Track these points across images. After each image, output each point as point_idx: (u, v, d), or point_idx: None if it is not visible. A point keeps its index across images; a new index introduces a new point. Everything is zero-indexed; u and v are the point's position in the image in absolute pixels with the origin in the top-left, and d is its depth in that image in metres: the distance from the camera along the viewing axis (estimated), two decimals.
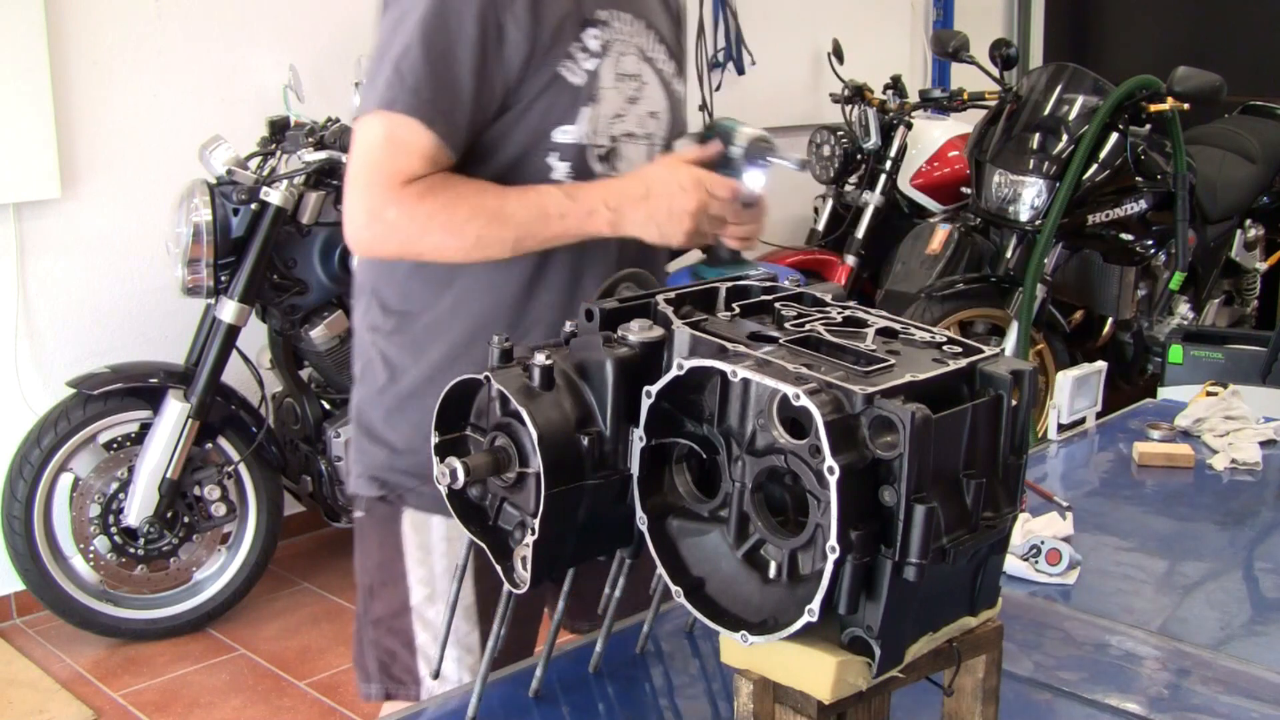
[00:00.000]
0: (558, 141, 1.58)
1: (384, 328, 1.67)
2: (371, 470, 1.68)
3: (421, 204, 1.51)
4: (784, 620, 0.99)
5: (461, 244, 1.54)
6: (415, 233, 1.53)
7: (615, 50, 1.61)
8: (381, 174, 1.51)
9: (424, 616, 1.67)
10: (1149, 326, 4.37)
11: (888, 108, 4.64)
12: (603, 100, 1.60)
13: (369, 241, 1.57)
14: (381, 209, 1.52)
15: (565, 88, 1.56)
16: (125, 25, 3.64)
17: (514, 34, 1.52)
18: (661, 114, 1.69)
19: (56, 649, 3.45)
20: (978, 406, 1.00)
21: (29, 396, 3.54)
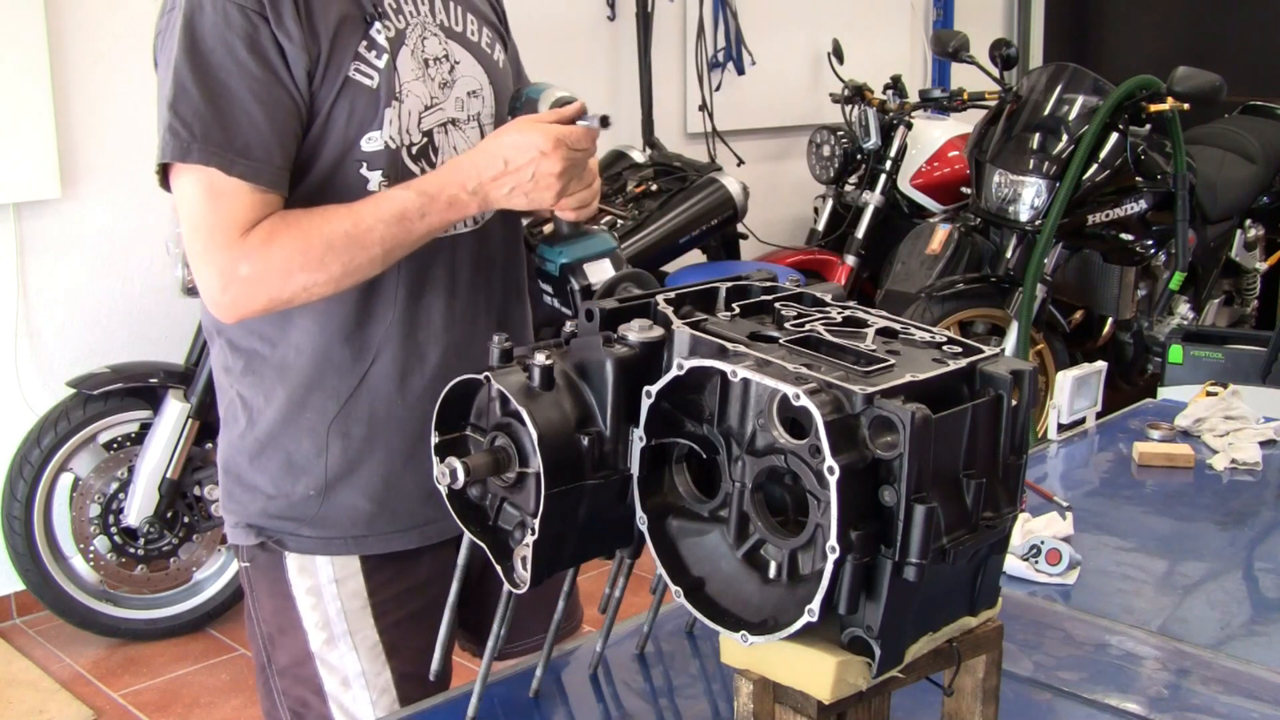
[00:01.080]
0: (366, 150, 1.46)
1: (235, 368, 1.58)
2: (247, 518, 1.59)
3: (272, 250, 1.40)
4: (784, 620, 0.99)
5: (329, 276, 1.41)
6: (276, 282, 1.41)
7: (413, 37, 1.50)
8: (217, 233, 1.40)
9: (327, 661, 1.59)
10: (1149, 326, 4.37)
11: (888, 108, 4.64)
12: (407, 96, 1.48)
13: (231, 305, 1.43)
14: (232, 268, 1.40)
15: (361, 92, 1.45)
16: (125, 25, 3.64)
17: (289, 48, 1.40)
18: (483, 90, 1.58)
19: (56, 649, 3.45)
20: (978, 406, 1.00)
21: (29, 396, 3.55)
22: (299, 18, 1.41)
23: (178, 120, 1.41)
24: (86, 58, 3.58)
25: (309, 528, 1.56)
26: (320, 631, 1.58)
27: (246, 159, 1.39)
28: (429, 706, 1.41)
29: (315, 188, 1.46)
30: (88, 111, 3.60)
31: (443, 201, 1.43)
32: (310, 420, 1.54)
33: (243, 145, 1.39)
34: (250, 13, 1.39)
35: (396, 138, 1.48)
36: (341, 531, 1.56)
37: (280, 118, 1.41)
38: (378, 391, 1.54)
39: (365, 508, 1.56)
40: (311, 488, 1.55)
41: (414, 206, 1.42)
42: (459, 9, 1.58)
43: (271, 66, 1.40)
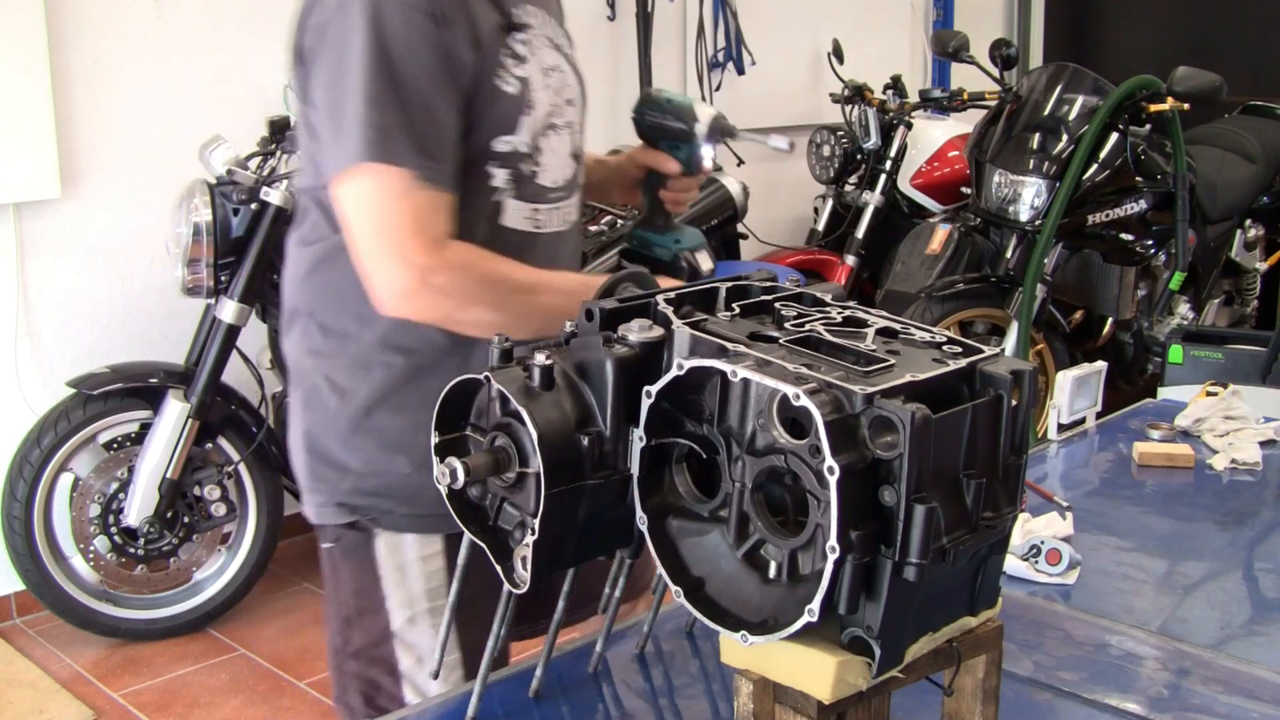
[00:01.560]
0: (497, 151, 1.53)
1: (326, 350, 1.60)
2: (337, 497, 1.61)
3: (466, 275, 1.46)
4: (784, 620, 0.99)
5: (497, 319, 1.47)
6: (458, 303, 1.47)
7: (538, 45, 1.56)
8: (414, 237, 1.42)
9: (406, 641, 1.62)
10: (1149, 326, 4.37)
11: (888, 108, 4.64)
12: (537, 105, 1.55)
13: (413, 305, 1.46)
14: (428, 272, 1.43)
15: (502, 98, 1.50)
16: (125, 25, 3.64)
17: (461, 53, 1.45)
18: (576, 99, 1.65)
19: (56, 649, 3.45)
20: (978, 406, 1.00)
21: (29, 396, 3.55)
22: (466, 24, 1.45)
23: (377, 122, 1.41)
24: (86, 58, 3.59)
25: (404, 505, 1.58)
26: (403, 610, 1.61)
27: (436, 163, 1.43)
28: (429, 706, 1.41)
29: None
30: (88, 111, 3.60)
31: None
32: (410, 399, 1.55)
33: (435, 149, 1.43)
34: (431, 16, 1.42)
35: (527, 143, 1.54)
36: (431, 509, 1.52)
37: (456, 121, 1.46)
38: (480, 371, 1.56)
39: None
40: (408, 465, 1.56)
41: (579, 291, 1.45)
42: (556, 24, 1.66)
43: (450, 70, 1.44)
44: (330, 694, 3.19)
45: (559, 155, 1.61)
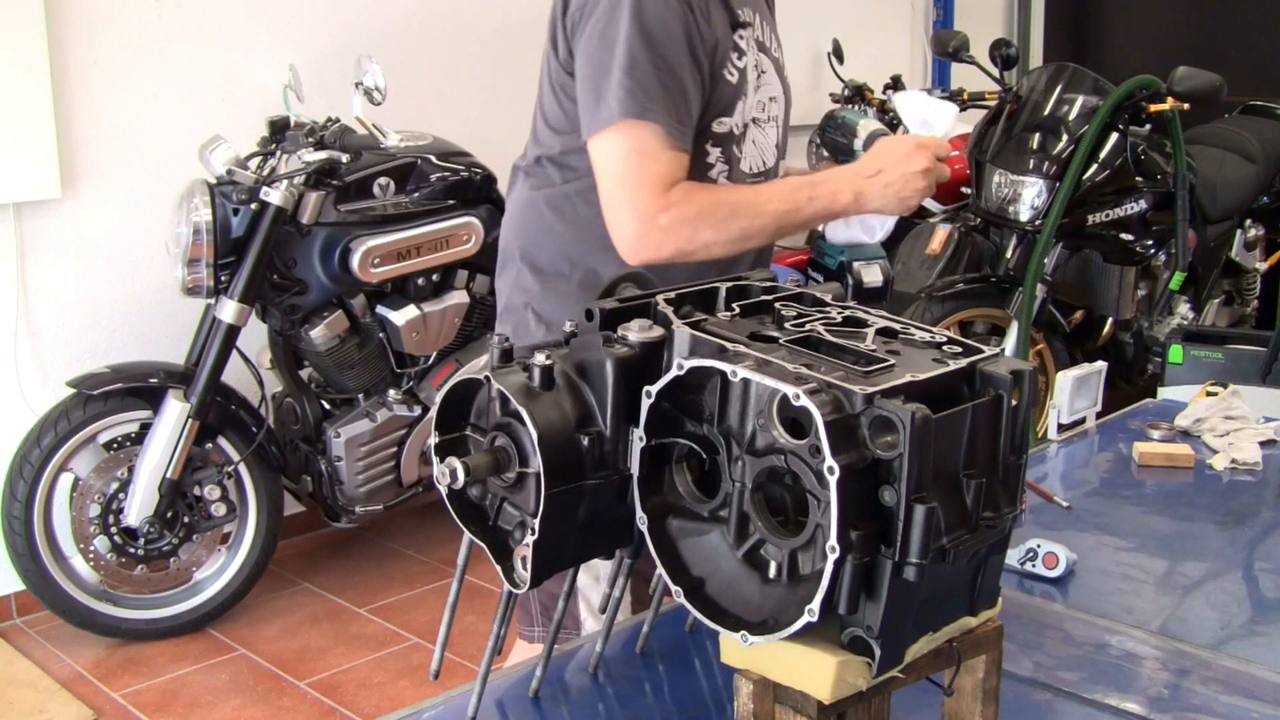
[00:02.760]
0: (714, 131, 1.76)
1: (534, 289, 1.83)
2: None
3: (687, 207, 1.68)
4: (784, 620, 0.99)
5: (729, 237, 1.72)
6: (687, 234, 1.69)
7: (751, 45, 1.80)
8: (646, 183, 1.67)
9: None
10: (1149, 326, 4.37)
11: (888, 108, 4.64)
12: (749, 94, 1.79)
13: (646, 248, 1.69)
14: (654, 216, 1.67)
15: (726, 86, 1.75)
16: (125, 25, 3.64)
17: (707, 38, 1.70)
18: (779, 97, 1.88)
19: (56, 649, 3.45)
20: (978, 406, 1.00)
21: (29, 396, 3.55)
22: (709, 18, 1.71)
23: (636, 85, 1.66)
24: (86, 58, 3.59)
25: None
26: None
27: (680, 124, 1.68)
28: (429, 706, 1.41)
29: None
30: (88, 111, 3.60)
31: (826, 190, 1.74)
32: None
33: (680, 112, 1.68)
34: (685, 6, 1.68)
35: (740, 124, 1.78)
36: None
37: (699, 95, 1.71)
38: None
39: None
40: None
41: (804, 191, 1.75)
42: (769, 30, 1.88)
43: (696, 50, 1.69)
44: (331, 694, 3.19)
45: (760, 145, 1.85)
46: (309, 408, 3.61)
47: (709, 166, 1.79)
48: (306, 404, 3.61)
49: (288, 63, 3.68)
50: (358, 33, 4.02)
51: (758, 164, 1.86)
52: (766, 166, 1.87)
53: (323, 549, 4.06)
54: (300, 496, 3.77)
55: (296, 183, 3.35)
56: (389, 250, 3.48)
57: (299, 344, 3.57)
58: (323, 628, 3.56)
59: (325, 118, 3.56)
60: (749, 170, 1.84)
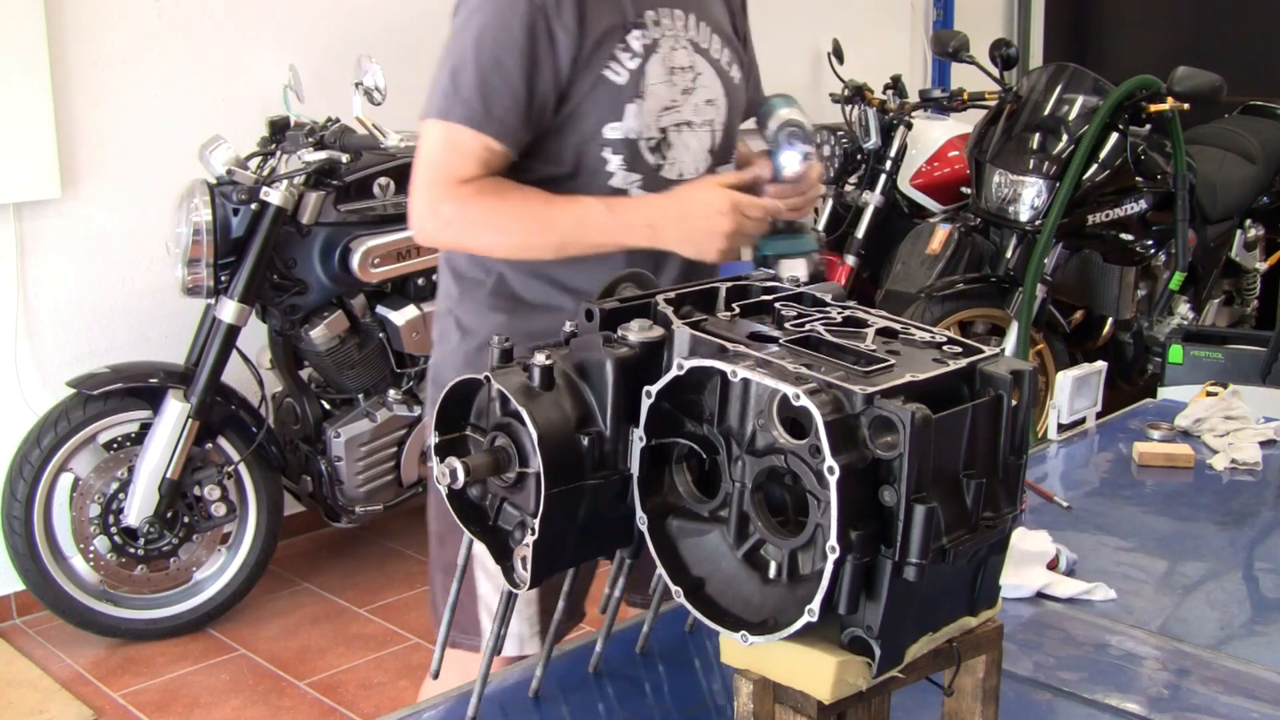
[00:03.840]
0: (608, 137, 1.71)
1: (454, 294, 1.83)
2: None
3: (473, 204, 1.68)
4: (784, 620, 0.99)
5: (508, 243, 1.71)
6: (467, 229, 1.71)
7: (665, 47, 1.74)
8: (439, 173, 1.69)
9: (486, 566, 1.69)
10: (1149, 326, 4.37)
11: (888, 108, 4.64)
12: (650, 95, 1.72)
13: (428, 233, 1.73)
14: (438, 205, 1.69)
15: (609, 87, 1.70)
16: (125, 25, 3.64)
17: (563, 39, 1.66)
18: (719, 100, 1.82)
19: (56, 649, 3.45)
20: (978, 406, 1.00)
21: (29, 396, 3.54)
22: (576, 17, 1.67)
23: (452, 84, 1.67)
24: (86, 58, 3.58)
25: None
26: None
27: (500, 124, 1.66)
28: (429, 706, 1.41)
29: (564, 162, 1.72)
30: (88, 111, 3.60)
31: (623, 224, 1.69)
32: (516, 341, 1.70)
33: (500, 113, 1.66)
34: (534, 6, 1.65)
35: (636, 130, 1.72)
36: None
37: (537, 97, 1.67)
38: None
39: None
40: None
41: (598, 219, 1.68)
42: (707, 29, 1.81)
43: (540, 52, 1.66)
44: (331, 694, 3.19)
45: (692, 151, 1.79)
46: (309, 408, 3.61)
47: (608, 175, 1.73)
48: (306, 404, 3.61)
49: (288, 63, 3.68)
50: (358, 33, 4.01)
51: (688, 170, 1.79)
52: (699, 172, 1.81)
53: (323, 549, 4.06)
54: (300, 496, 3.77)
55: (296, 183, 3.35)
56: (389, 250, 3.48)
57: (299, 344, 3.57)
58: (323, 628, 3.56)
59: (325, 118, 3.55)
60: (677, 177, 1.78)
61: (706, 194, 1.68)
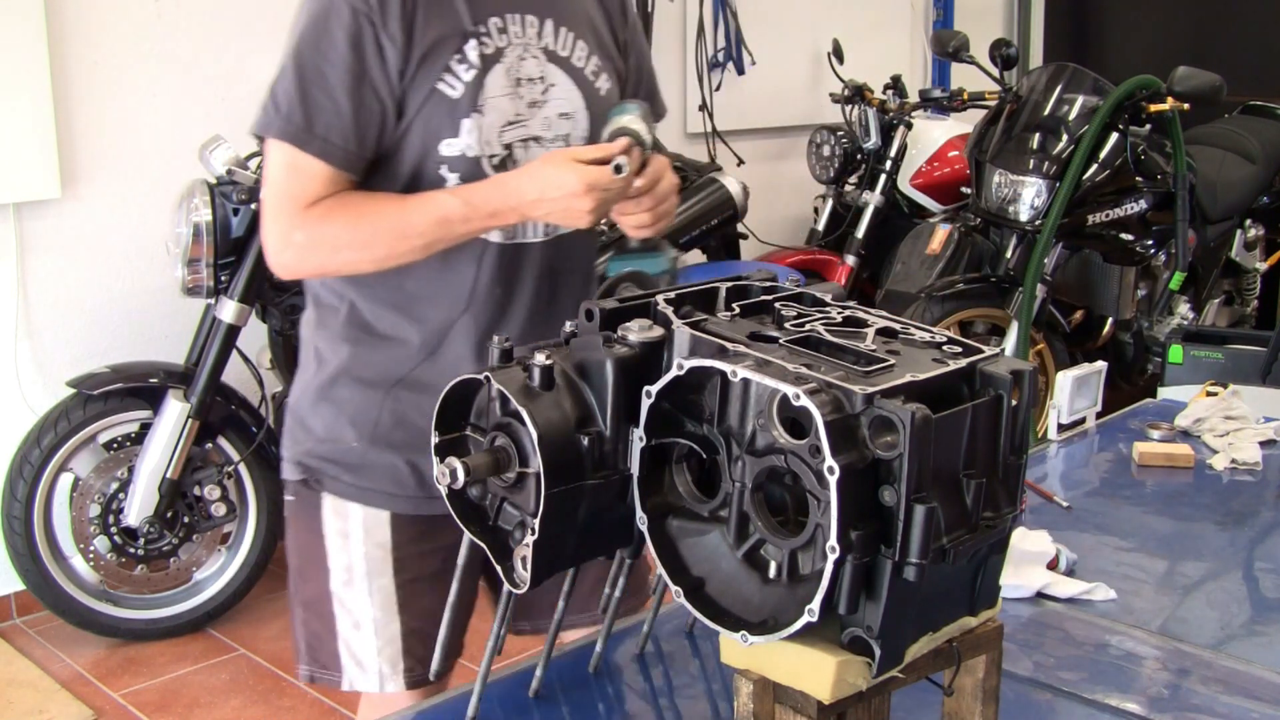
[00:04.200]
0: (445, 154, 1.58)
1: (313, 320, 1.74)
2: (297, 456, 1.73)
3: (325, 225, 1.57)
4: (784, 620, 0.99)
5: (372, 258, 1.59)
6: (325, 253, 1.59)
7: (511, 56, 1.61)
8: (285, 199, 1.57)
9: (344, 602, 1.71)
10: (1149, 326, 4.37)
11: (888, 108, 4.64)
12: (490, 110, 1.59)
13: (287, 265, 1.61)
14: (290, 234, 1.58)
15: (443, 102, 1.57)
16: (125, 25, 3.64)
17: (390, 51, 1.54)
18: (577, 113, 1.67)
19: (56, 649, 3.45)
20: (978, 406, 1.00)
21: (29, 396, 3.54)
22: (403, 27, 1.54)
23: (272, 99, 1.56)
24: (86, 58, 3.58)
25: (349, 474, 1.68)
26: (342, 573, 1.70)
27: (324, 139, 1.54)
28: (429, 706, 1.41)
29: (400, 179, 1.61)
30: (88, 111, 3.60)
31: (485, 212, 1.56)
32: (368, 375, 1.67)
33: (323, 128, 1.54)
34: (360, 13, 1.53)
35: (475, 147, 1.59)
36: (378, 485, 1.67)
37: (364, 113, 1.55)
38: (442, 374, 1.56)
39: (404, 470, 1.66)
40: (356, 439, 1.67)
41: (458, 213, 1.56)
42: (570, 36, 1.67)
43: (366, 63, 1.54)
44: (331, 694, 3.18)
45: None
46: None
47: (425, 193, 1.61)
48: None
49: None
50: None
51: None
52: None
53: None
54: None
55: None
56: None
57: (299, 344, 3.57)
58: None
59: None
60: None
61: (558, 172, 1.54)
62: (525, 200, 1.55)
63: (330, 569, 1.71)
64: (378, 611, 1.70)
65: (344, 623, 1.72)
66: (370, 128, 1.56)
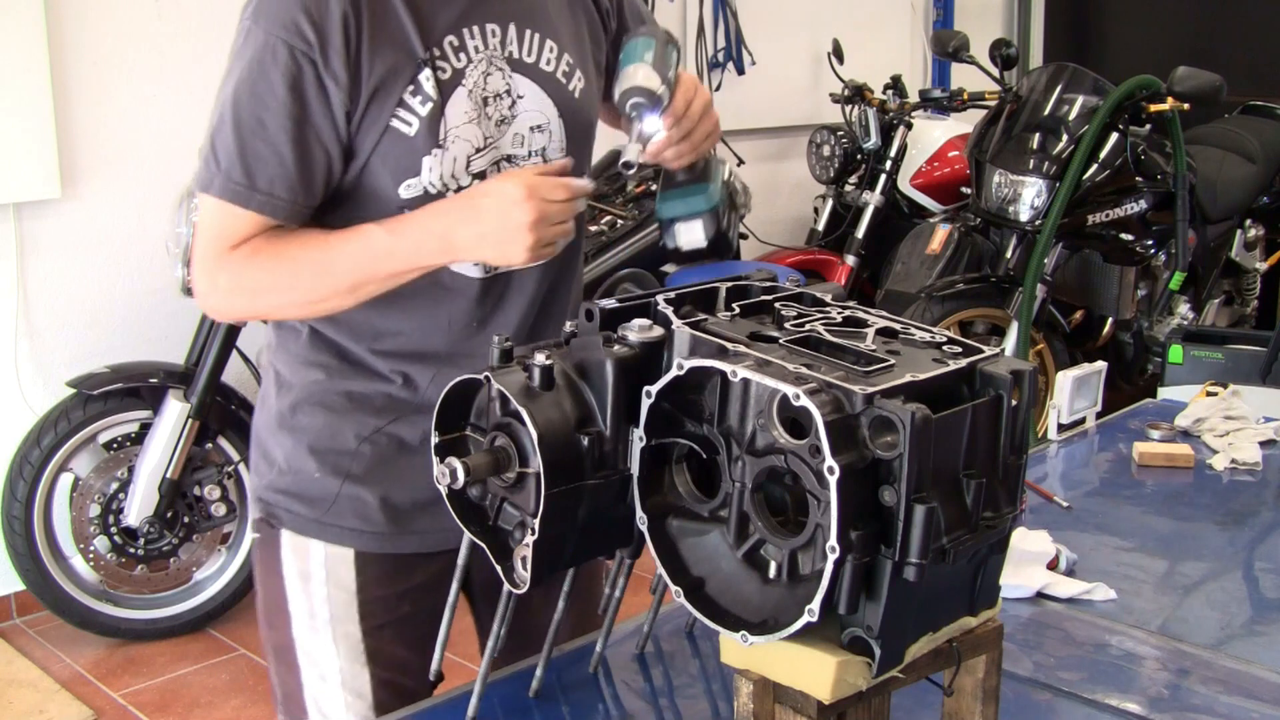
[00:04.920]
0: (405, 197, 1.44)
1: (273, 342, 1.60)
2: (258, 491, 1.60)
3: (248, 267, 1.43)
4: (784, 620, 0.99)
5: (294, 301, 1.45)
6: (249, 296, 1.47)
7: (473, 75, 1.45)
8: (212, 244, 1.44)
9: (309, 652, 1.56)
10: (1149, 326, 4.37)
11: (888, 108, 4.64)
12: (453, 142, 1.44)
13: (214, 309, 1.54)
14: (215, 277, 1.45)
15: (399, 141, 1.42)
16: (125, 25, 3.64)
17: (334, 91, 1.38)
18: (550, 124, 1.52)
19: (56, 649, 3.45)
20: (978, 406, 1.00)
21: (29, 396, 3.55)
22: (347, 63, 1.38)
23: (211, 152, 1.42)
24: (86, 58, 3.58)
25: (310, 508, 1.54)
26: (305, 619, 1.55)
27: (267, 194, 1.40)
28: (429, 706, 1.41)
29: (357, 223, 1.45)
30: (88, 111, 3.60)
31: (410, 243, 1.40)
32: (330, 402, 1.53)
33: (266, 182, 1.40)
34: (298, 53, 1.37)
35: (438, 183, 1.45)
36: (341, 521, 1.54)
37: (311, 158, 1.41)
38: (412, 402, 1.52)
39: (371, 504, 1.53)
40: (318, 469, 1.53)
41: (382, 245, 1.40)
42: (535, 38, 1.51)
43: (309, 107, 1.39)
44: None
45: None
46: None
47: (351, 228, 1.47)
48: None
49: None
50: None
51: None
52: None
53: None
54: None
55: None
56: None
57: None
58: None
59: None
60: None
61: (499, 184, 1.38)
62: (456, 221, 1.39)
63: (292, 614, 1.56)
64: (344, 662, 1.55)
65: (309, 674, 1.57)
66: (318, 175, 1.42)
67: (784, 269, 4.21)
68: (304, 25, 1.37)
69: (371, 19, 1.39)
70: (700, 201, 1.51)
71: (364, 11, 1.39)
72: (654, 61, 1.43)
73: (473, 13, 1.45)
